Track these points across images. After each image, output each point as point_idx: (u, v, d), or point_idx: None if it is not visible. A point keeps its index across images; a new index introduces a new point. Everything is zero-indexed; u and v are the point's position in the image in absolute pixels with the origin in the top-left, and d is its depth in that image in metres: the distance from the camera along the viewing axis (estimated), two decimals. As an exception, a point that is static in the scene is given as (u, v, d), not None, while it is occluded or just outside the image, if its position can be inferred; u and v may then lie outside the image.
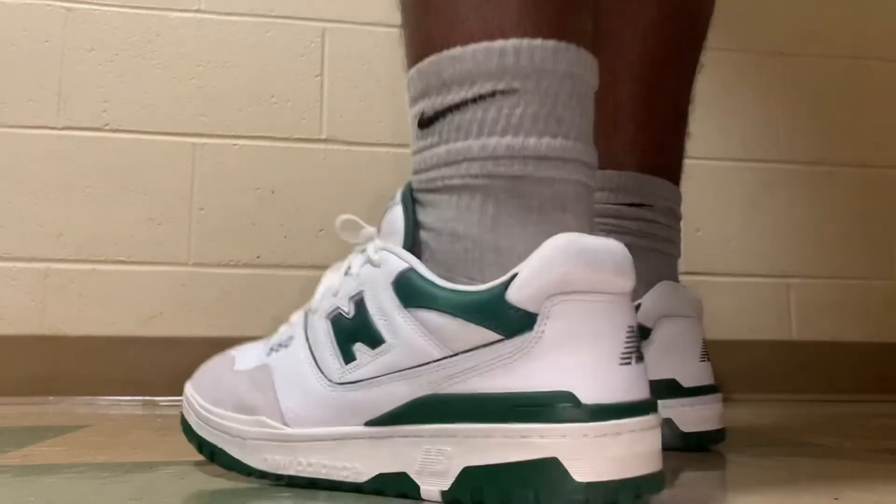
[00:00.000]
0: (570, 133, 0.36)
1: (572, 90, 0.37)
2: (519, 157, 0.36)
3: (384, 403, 0.36)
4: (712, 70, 1.26)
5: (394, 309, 0.36)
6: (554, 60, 0.36)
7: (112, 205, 1.06)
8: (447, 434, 0.34)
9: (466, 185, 0.36)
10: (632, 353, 0.33)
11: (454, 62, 0.37)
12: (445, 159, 0.37)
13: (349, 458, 0.37)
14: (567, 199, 0.36)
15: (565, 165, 0.36)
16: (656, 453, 0.33)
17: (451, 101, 0.37)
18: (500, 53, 0.36)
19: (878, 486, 0.38)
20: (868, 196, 1.25)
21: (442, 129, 0.38)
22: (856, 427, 0.70)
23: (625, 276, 0.33)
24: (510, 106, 0.36)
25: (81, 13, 1.09)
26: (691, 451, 0.49)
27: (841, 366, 1.19)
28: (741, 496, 0.35)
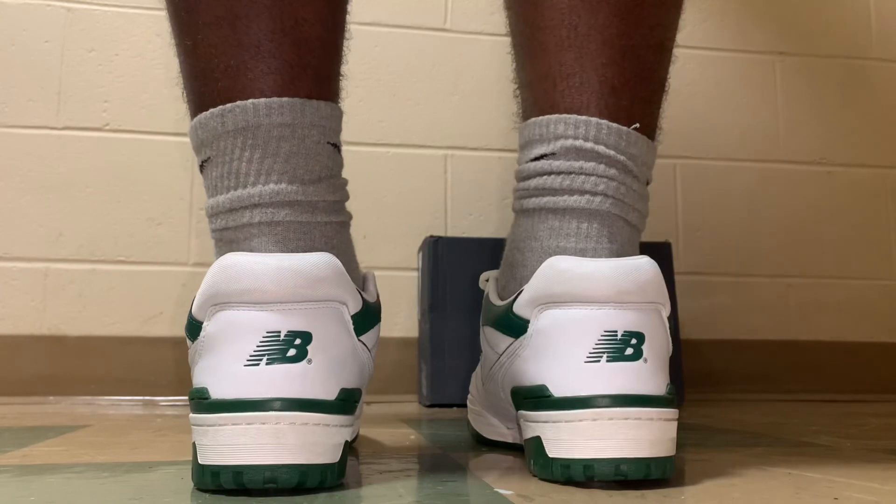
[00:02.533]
0: (258, 179, 0.41)
1: (245, 139, 0.41)
2: (219, 213, 0.42)
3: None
4: (713, 70, 1.26)
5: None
6: (223, 123, 0.41)
7: (112, 205, 1.06)
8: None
9: (217, 239, 0.43)
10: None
11: (192, 130, 0.43)
12: (209, 213, 0.43)
13: None
14: (261, 234, 0.41)
15: (245, 213, 0.41)
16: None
17: (199, 163, 0.45)
18: (193, 130, 0.43)
19: (878, 486, 0.38)
20: (868, 196, 1.25)
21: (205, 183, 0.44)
22: (856, 427, 0.70)
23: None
24: (210, 173, 0.43)
25: (81, 13, 1.09)
26: (572, 485, 0.38)
27: (841, 366, 1.19)
28: (740, 496, 0.36)
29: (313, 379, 0.36)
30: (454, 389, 0.91)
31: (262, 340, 0.36)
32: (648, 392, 0.38)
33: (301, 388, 0.36)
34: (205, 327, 0.37)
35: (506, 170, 1.14)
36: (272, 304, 0.36)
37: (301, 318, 0.36)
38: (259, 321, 0.36)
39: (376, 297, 0.44)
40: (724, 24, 1.24)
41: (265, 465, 0.34)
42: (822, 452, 0.52)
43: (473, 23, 1.17)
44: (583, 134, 0.44)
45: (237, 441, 0.35)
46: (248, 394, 0.35)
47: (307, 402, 0.36)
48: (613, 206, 0.44)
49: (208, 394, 0.36)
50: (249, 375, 0.35)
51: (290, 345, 0.36)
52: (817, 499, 0.35)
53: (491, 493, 0.36)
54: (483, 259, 0.90)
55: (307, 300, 0.37)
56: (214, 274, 0.36)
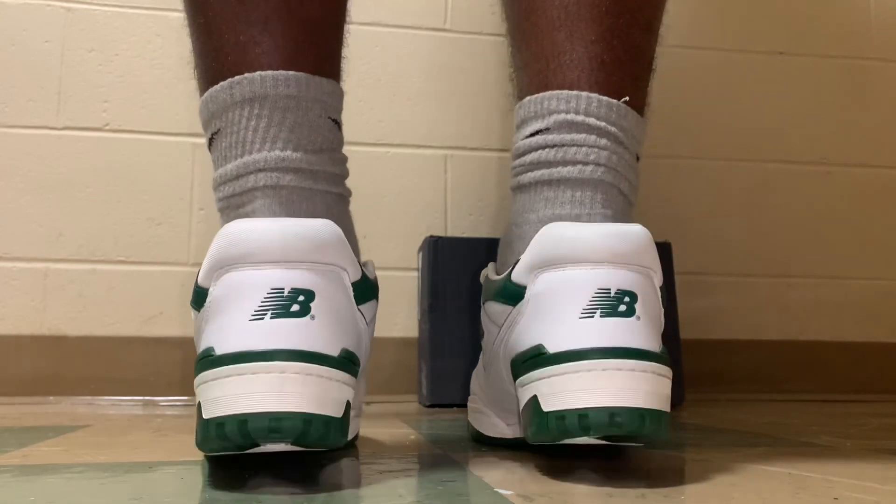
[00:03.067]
0: (263, 146, 0.43)
1: (252, 110, 0.43)
2: (227, 181, 0.44)
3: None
4: (713, 70, 1.26)
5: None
6: (234, 97, 0.43)
7: (112, 205, 1.06)
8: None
9: (222, 208, 0.45)
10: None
11: (202, 105, 0.46)
12: (217, 183, 0.45)
13: None
14: (277, 198, 0.43)
15: (257, 175, 0.43)
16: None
17: (207, 138, 0.47)
18: (204, 104, 0.45)
19: (878, 486, 0.38)
20: (868, 196, 1.25)
21: (212, 156, 0.47)
22: (856, 427, 0.70)
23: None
24: (220, 144, 0.45)
25: (81, 13, 1.09)
26: (569, 440, 0.39)
27: (841, 366, 1.19)
28: (740, 496, 0.36)
29: (316, 334, 0.37)
30: (454, 389, 0.91)
31: (266, 296, 0.37)
32: (642, 346, 0.39)
33: (305, 341, 0.36)
34: (210, 292, 0.38)
35: (506, 170, 1.14)
36: (276, 263, 0.37)
37: (304, 277, 0.37)
38: (263, 278, 0.37)
39: (374, 277, 0.45)
40: (724, 24, 1.24)
41: (269, 412, 0.35)
42: (822, 452, 0.52)
43: (473, 23, 1.17)
44: (574, 108, 0.46)
45: (242, 390, 0.35)
46: (253, 346, 0.36)
47: (311, 353, 0.36)
48: (606, 174, 0.46)
49: (213, 351, 0.36)
50: (254, 328, 0.36)
51: (294, 301, 0.37)
52: (817, 499, 0.35)
53: (491, 493, 0.36)
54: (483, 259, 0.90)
55: (310, 261, 0.38)
56: (219, 240, 0.38)
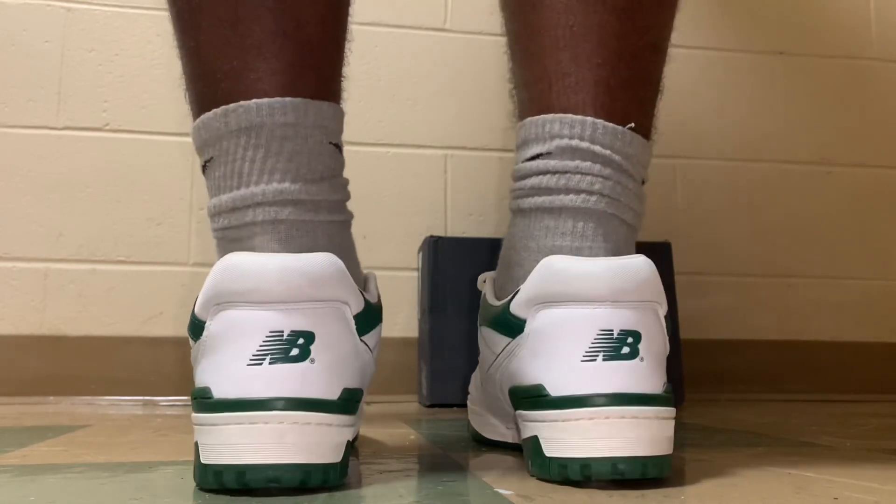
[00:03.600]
0: (259, 178, 0.41)
1: (248, 140, 0.41)
2: (221, 213, 0.42)
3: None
4: (713, 70, 1.26)
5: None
6: (226, 123, 0.41)
7: (112, 205, 1.06)
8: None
9: (219, 238, 0.43)
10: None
11: (194, 132, 0.44)
12: (211, 213, 0.43)
13: None
14: (272, 232, 0.41)
15: (247, 211, 0.41)
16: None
17: (201, 164, 0.45)
18: (196, 131, 0.43)
19: (878, 486, 0.38)
20: (868, 196, 1.25)
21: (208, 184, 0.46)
22: (856, 427, 0.70)
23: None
24: (213, 173, 0.43)
25: (81, 13, 1.09)
26: (570, 485, 0.38)
27: (841, 366, 1.19)
28: (740, 496, 0.36)
29: (316, 379, 0.36)
30: (454, 389, 0.91)
31: (265, 340, 0.36)
32: (645, 391, 0.38)
33: (303, 388, 0.36)
34: (207, 326, 0.37)
35: (506, 170, 1.14)
36: (275, 304, 0.36)
37: (304, 318, 0.36)
38: (262, 321, 0.36)
39: (377, 298, 0.44)
40: (724, 24, 1.24)
41: (268, 464, 0.34)
42: (822, 452, 0.52)
43: (473, 23, 1.17)
44: (578, 133, 0.44)
45: (240, 441, 0.35)
46: (251, 393, 0.35)
47: (310, 401, 0.36)
48: (609, 206, 0.44)
49: (211, 393, 0.36)
50: (252, 375, 0.35)
51: (293, 344, 0.36)
52: (817, 499, 0.35)
53: (491, 493, 0.36)
54: (483, 259, 0.90)
55: (310, 300, 0.37)
56: (217, 274, 0.37)
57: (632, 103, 0.46)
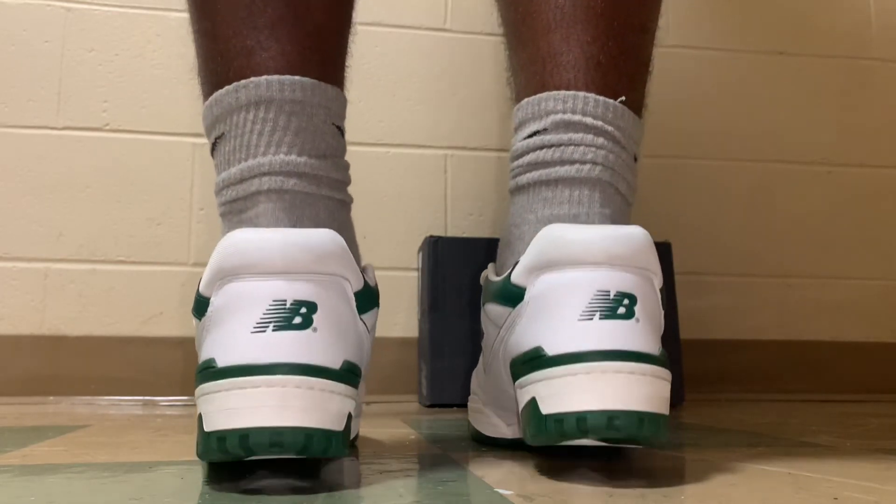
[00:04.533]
0: (265, 150, 0.43)
1: (257, 114, 0.43)
2: (230, 185, 0.44)
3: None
4: (713, 70, 1.26)
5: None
6: (239, 101, 0.44)
7: (112, 205, 1.06)
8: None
9: (224, 213, 0.45)
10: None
11: (205, 111, 0.46)
12: (218, 189, 0.45)
13: None
14: (284, 203, 0.42)
15: (262, 179, 0.42)
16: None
17: (209, 143, 0.47)
18: (209, 108, 0.45)
19: (878, 486, 0.38)
20: (868, 196, 1.25)
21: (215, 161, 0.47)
22: (856, 427, 0.70)
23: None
24: (223, 148, 0.45)
25: (81, 13, 1.09)
26: (567, 442, 0.39)
27: (841, 366, 1.19)
28: (740, 496, 0.36)
29: (318, 346, 0.37)
30: (454, 389, 0.91)
31: (268, 308, 0.37)
32: (641, 349, 0.39)
33: (307, 354, 0.36)
34: (212, 302, 0.38)
35: (506, 170, 1.14)
36: (278, 275, 0.37)
37: (307, 288, 0.37)
38: (265, 290, 0.37)
39: (375, 284, 0.45)
40: (724, 24, 1.24)
41: (271, 427, 0.35)
42: (822, 452, 0.52)
43: (473, 23, 1.17)
44: (571, 107, 0.47)
45: (243, 404, 0.35)
46: (255, 359, 0.36)
47: (312, 367, 0.36)
48: (603, 173, 0.46)
49: (215, 363, 0.36)
50: (256, 341, 0.36)
51: (296, 313, 0.37)
52: (817, 499, 0.35)
53: (491, 493, 0.36)
54: (483, 259, 0.90)
55: (312, 272, 0.38)
56: (221, 250, 0.37)
57: (622, 79, 0.48)
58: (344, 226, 0.45)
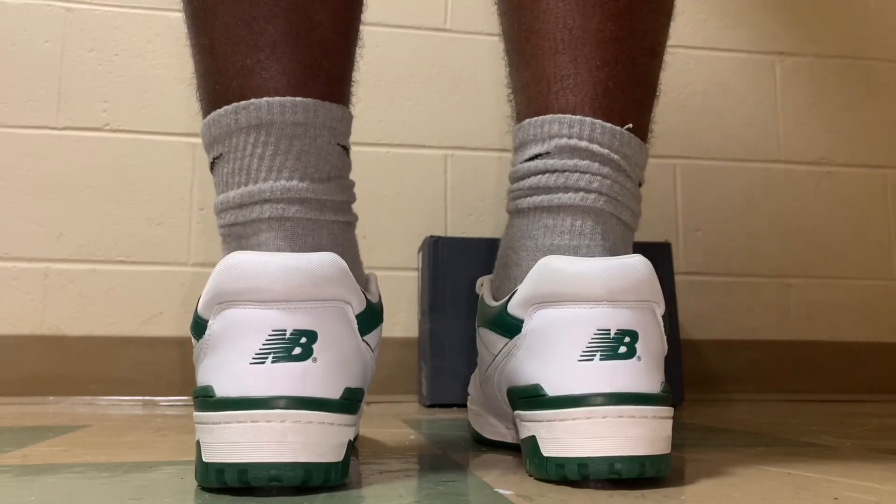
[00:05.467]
0: (260, 175, 0.41)
1: (258, 137, 0.42)
2: (229, 208, 0.43)
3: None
4: (713, 70, 1.26)
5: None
6: (239, 121, 0.42)
7: (112, 205, 1.06)
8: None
9: (224, 235, 0.43)
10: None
11: (204, 130, 0.44)
12: (217, 210, 0.43)
13: None
14: (282, 231, 0.41)
15: (254, 208, 0.41)
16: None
17: (210, 160, 0.45)
18: (207, 127, 0.44)
19: (878, 486, 0.38)
20: (868, 196, 1.25)
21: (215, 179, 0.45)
22: (856, 427, 0.70)
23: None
24: (222, 169, 0.43)
25: (81, 13, 1.09)
26: (563, 485, 0.39)
27: (841, 366, 1.19)
28: (740, 496, 0.36)
29: (318, 378, 0.36)
30: (454, 389, 0.91)
31: (267, 339, 0.36)
32: (642, 390, 0.39)
33: (305, 387, 0.36)
34: (210, 325, 0.37)
35: (505, 170, 1.14)
36: (278, 303, 0.36)
37: (306, 317, 0.37)
38: (264, 319, 0.36)
39: (378, 298, 0.44)
40: (724, 24, 1.24)
41: (269, 462, 0.35)
42: (822, 452, 0.52)
43: (473, 23, 1.17)
44: (577, 133, 0.45)
45: (242, 439, 0.35)
46: (253, 392, 0.35)
47: (311, 400, 0.36)
48: (607, 204, 0.45)
49: (213, 392, 0.36)
50: (254, 373, 0.35)
51: (296, 343, 0.36)
52: (817, 499, 0.35)
53: (491, 493, 0.36)
54: (483, 259, 0.90)
55: (312, 299, 0.37)
56: (220, 272, 0.37)
57: (629, 105, 0.46)
58: (347, 248, 0.44)
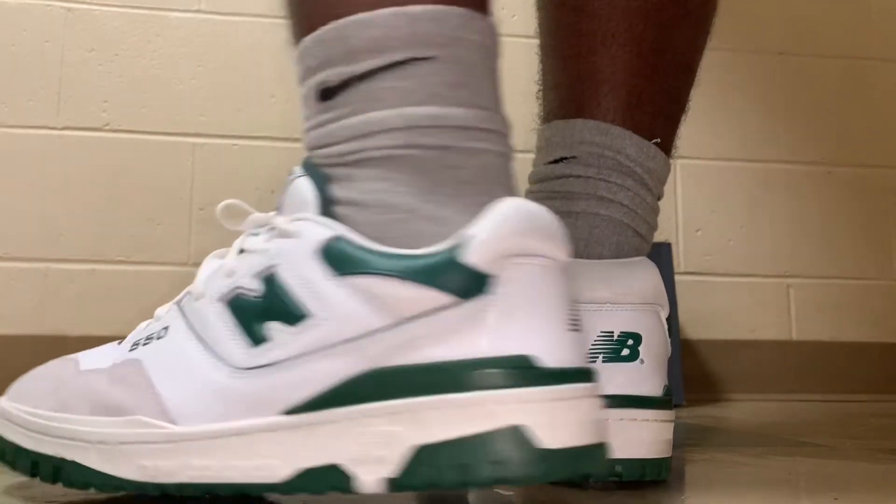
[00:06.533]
0: (489, 104, 0.35)
1: (485, 60, 0.36)
2: (445, 126, 0.34)
3: (310, 385, 0.32)
4: (712, 70, 1.26)
5: (322, 279, 0.32)
6: (467, 29, 0.35)
7: (112, 205, 1.06)
8: (394, 411, 0.31)
9: (392, 155, 0.34)
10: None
11: (363, 27, 0.34)
12: (361, 131, 0.34)
13: (263, 453, 0.32)
14: (494, 170, 0.35)
15: (489, 136, 0.35)
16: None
17: (361, 69, 0.34)
18: (413, 19, 0.34)
19: (878, 486, 0.38)
20: (868, 196, 1.25)
21: (351, 99, 0.35)
22: (856, 427, 0.70)
23: (565, 245, 0.33)
24: (427, 74, 0.34)
25: (81, 13, 1.09)
26: (564, 486, 0.37)
27: (841, 366, 1.19)
28: (741, 496, 0.35)
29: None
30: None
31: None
32: (644, 393, 0.39)
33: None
34: (502, 278, 0.31)
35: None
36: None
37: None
38: (565, 282, 0.33)
39: None
40: (724, 24, 1.24)
41: (614, 459, 0.37)
42: (822, 452, 0.52)
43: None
44: (607, 143, 0.45)
45: (594, 417, 0.31)
46: (580, 362, 0.33)
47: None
48: (626, 216, 0.45)
49: (534, 362, 0.30)
50: (576, 342, 0.33)
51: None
52: (817, 499, 0.35)
53: (491, 493, 0.36)
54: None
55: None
56: (520, 221, 0.31)
57: (659, 119, 0.46)
58: None
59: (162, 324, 0.38)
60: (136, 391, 0.35)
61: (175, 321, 0.37)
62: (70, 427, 0.35)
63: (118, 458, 0.34)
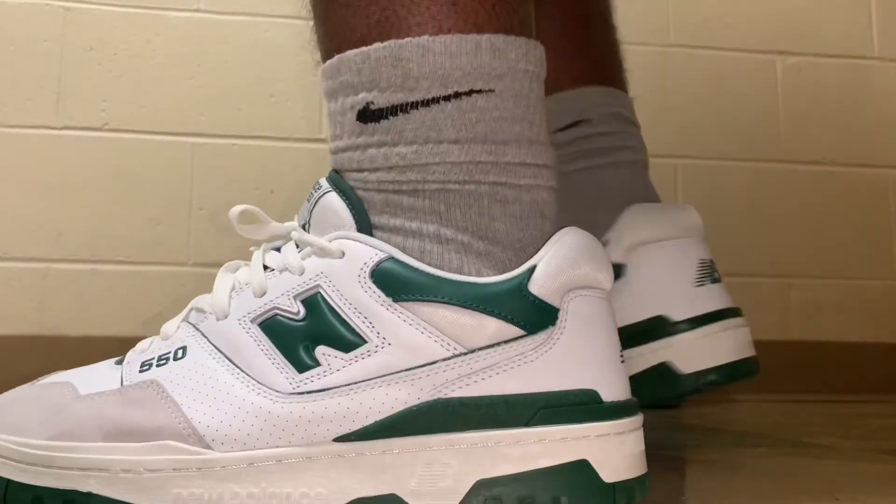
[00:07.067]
0: (540, 136, 0.35)
1: (537, 90, 0.35)
2: (500, 163, 0.34)
3: (367, 413, 0.31)
4: (712, 70, 1.26)
5: (377, 304, 0.32)
6: (524, 60, 0.34)
7: (112, 205, 1.06)
8: (459, 444, 0.30)
9: (447, 189, 0.33)
10: (622, 353, 0.34)
11: (423, 52, 0.33)
12: (414, 161, 0.33)
13: (311, 482, 0.31)
14: (544, 204, 0.35)
15: (540, 171, 0.35)
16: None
17: (417, 96, 0.33)
18: (475, 49, 0.33)
19: (878, 486, 0.38)
20: (868, 196, 1.24)
21: (402, 126, 0.34)
22: (856, 427, 0.70)
23: (612, 275, 0.33)
24: (487, 108, 0.33)
25: (81, 13, 1.08)
26: (698, 394, 0.42)
27: (841, 366, 1.19)
28: (742, 496, 0.35)
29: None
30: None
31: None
32: (732, 304, 0.56)
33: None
34: (566, 310, 0.32)
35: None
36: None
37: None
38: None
39: None
40: (724, 24, 1.24)
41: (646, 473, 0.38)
42: (822, 452, 0.52)
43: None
44: (617, 101, 0.56)
45: (640, 449, 0.33)
46: (629, 394, 0.34)
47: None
48: (645, 157, 0.59)
49: (599, 396, 0.32)
50: (625, 373, 0.34)
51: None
52: (817, 499, 0.35)
53: (491, 493, 0.36)
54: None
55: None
56: (582, 254, 0.32)
57: (623, 72, 0.60)
58: None
59: (175, 343, 0.36)
60: (160, 414, 0.33)
61: (193, 341, 0.35)
62: (81, 456, 0.33)
63: (148, 486, 0.32)
